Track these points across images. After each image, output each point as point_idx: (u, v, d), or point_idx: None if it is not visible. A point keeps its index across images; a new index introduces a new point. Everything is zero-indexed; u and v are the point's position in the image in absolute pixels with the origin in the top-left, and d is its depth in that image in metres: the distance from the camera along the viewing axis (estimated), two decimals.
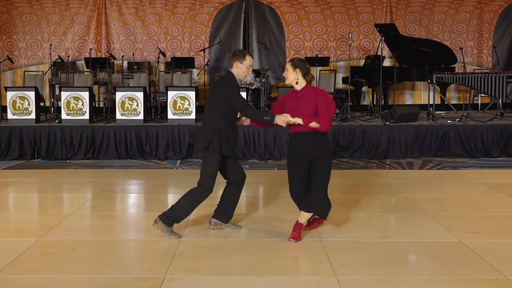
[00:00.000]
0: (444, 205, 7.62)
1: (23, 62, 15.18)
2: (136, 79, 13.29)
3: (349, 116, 12.16)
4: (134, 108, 11.57)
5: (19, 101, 11.59)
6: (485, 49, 15.42)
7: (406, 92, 15.47)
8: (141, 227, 6.62)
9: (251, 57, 6.05)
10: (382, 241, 5.85)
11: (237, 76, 5.96)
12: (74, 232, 6.25)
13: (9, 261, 5.17)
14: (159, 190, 8.76)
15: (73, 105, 11.54)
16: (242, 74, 5.98)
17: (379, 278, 4.77)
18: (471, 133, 11.32)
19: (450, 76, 12.18)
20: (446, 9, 15.39)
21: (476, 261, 5.21)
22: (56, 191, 8.89)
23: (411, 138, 11.29)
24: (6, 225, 6.70)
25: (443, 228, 6.26)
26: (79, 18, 15.27)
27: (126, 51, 15.11)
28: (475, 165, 10.50)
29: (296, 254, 5.45)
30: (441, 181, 9.09)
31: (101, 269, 5.02)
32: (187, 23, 15.27)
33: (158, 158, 11.17)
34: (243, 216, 6.84)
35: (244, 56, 5.96)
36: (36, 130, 11.29)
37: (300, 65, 5.87)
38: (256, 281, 4.75)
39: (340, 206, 7.34)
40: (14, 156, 11.16)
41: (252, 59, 6.03)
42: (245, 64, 5.94)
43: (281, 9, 15.36)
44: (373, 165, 10.48)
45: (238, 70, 5.95)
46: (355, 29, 15.32)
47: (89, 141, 11.27)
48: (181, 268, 5.03)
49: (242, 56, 5.96)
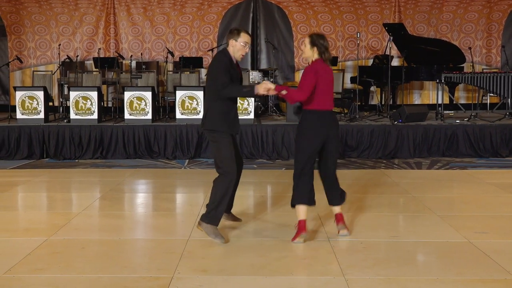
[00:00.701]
0: (453, 205, 7.60)
1: (32, 62, 15.23)
2: (144, 79, 13.32)
3: (357, 116, 12.14)
4: (142, 107, 11.59)
5: (28, 100, 11.62)
6: (494, 49, 15.36)
7: (415, 91, 15.44)
8: (149, 227, 6.63)
9: (247, 34, 5.83)
10: (391, 241, 5.84)
11: (233, 55, 5.80)
12: (83, 231, 6.26)
13: (18, 260, 5.19)
14: (167, 189, 8.77)
15: (81, 105, 11.57)
16: (238, 52, 5.78)
17: (387, 278, 4.76)
18: (480, 133, 11.28)
19: (458, 75, 12.15)
20: (454, 9, 15.34)
21: (485, 261, 5.19)
22: (65, 190, 8.92)
23: (419, 138, 11.26)
24: (15, 224, 6.72)
25: (452, 228, 6.25)
26: (88, 18, 15.30)
27: (135, 51, 15.14)
28: (484, 165, 10.47)
29: (304, 254, 5.44)
30: (449, 181, 9.07)
31: (110, 269, 5.03)
32: (195, 23, 15.29)
33: (166, 158, 11.19)
34: (251, 216, 6.85)
35: (238, 33, 5.77)
36: (45, 130, 11.33)
37: (318, 44, 5.74)
38: (264, 281, 4.75)
39: (348, 206, 7.33)
40: (23, 155, 11.20)
41: (248, 36, 5.81)
42: (239, 41, 5.75)
43: (289, 9, 15.36)
44: (381, 165, 10.46)
45: (233, 48, 5.78)
46: (363, 28, 15.30)
47: (97, 141, 11.30)
48: (189, 267, 5.03)
49: (237, 33, 5.77)
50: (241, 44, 5.77)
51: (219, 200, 5.72)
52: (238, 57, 5.84)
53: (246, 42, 5.80)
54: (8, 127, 11.35)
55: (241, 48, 5.78)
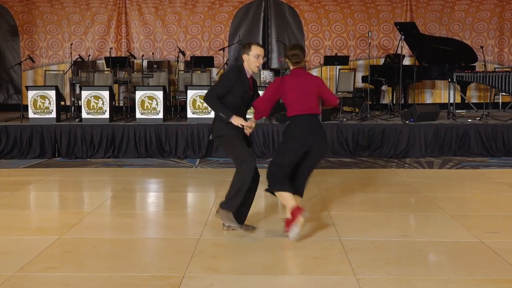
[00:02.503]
0: (464, 204, 7.57)
1: (44, 61, 15.30)
2: (155, 78, 13.35)
3: (368, 115, 12.12)
4: (153, 107, 11.61)
5: (40, 100, 11.68)
6: (506, 48, 15.29)
7: (426, 91, 15.39)
8: (160, 226, 6.65)
9: (259, 46, 5.96)
10: (402, 241, 5.82)
11: (248, 68, 5.94)
12: (94, 230, 6.28)
13: (30, 259, 5.21)
14: (179, 188, 8.79)
15: (93, 104, 11.61)
16: (252, 64, 5.92)
17: (399, 277, 4.75)
18: (492, 132, 11.23)
19: (470, 74, 12.10)
20: (466, 7, 15.28)
21: (496, 261, 5.17)
22: (76, 189, 8.95)
23: (431, 137, 11.22)
24: (27, 223, 6.75)
25: (463, 228, 6.23)
26: (99, 18, 15.36)
27: (146, 50, 15.18)
28: (496, 164, 10.43)
29: (315, 254, 5.44)
30: (461, 181, 9.04)
31: (121, 267, 5.04)
32: (206, 22, 15.30)
33: (177, 157, 11.21)
34: (261, 215, 6.85)
35: (249, 47, 5.92)
36: (57, 129, 11.38)
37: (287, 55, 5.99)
38: (275, 280, 4.75)
39: (360, 205, 7.32)
40: (35, 154, 11.26)
41: (259, 48, 5.93)
42: (251, 54, 5.89)
43: (301, 8, 15.35)
44: (392, 164, 10.44)
45: (248, 62, 5.93)
46: (374, 27, 15.27)
47: (109, 140, 11.34)
48: (200, 266, 5.04)
49: (248, 47, 5.93)
50: (253, 57, 5.90)
51: (237, 187, 5.80)
52: (254, 69, 5.97)
53: (258, 54, 5.91)
54: (20, 127, 11.41)
55: (255, 60, 5.92)
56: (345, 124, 11.36)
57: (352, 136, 11.18)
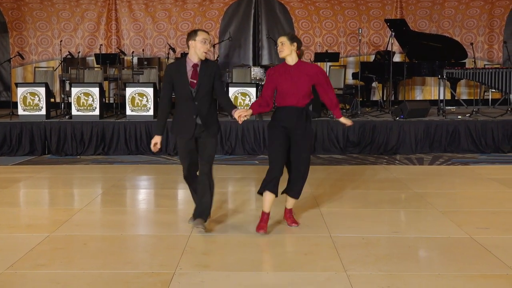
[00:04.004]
0: (454, 200, 7.59)
1: (34, 58, 15.24)
2: (146, 75, 13.31)
3: (359, 112, 12.14)
4: (144, 104, 11.59)
5: (30, 97, 11.63)
6: (496, 45, 15.34)
7: (416, 87, 15.43)
8: (151, 223, 6.64)
9: (205, 31, 5.89)
10: (392, 237, 5.84)
11: (195, 55, 5.84)
12: (85, 227, 6.27)
13: (20, 256, 5.20)
14: (169, 185, 8.77)
15: (83, 101, 11.58)
16: (199, 50, 5.80)
17: (389, 273, 4.76)
18: (482, 129, 11.27)
19: (460, 71, 12.14)
20: (456, 4, 15.33)
21: (486, 257, 5.19)
22: (67, 186, 8.92)
23: (421, 134, 11.25)
24: (17, 220, 6.73)
25: (453, 224, 6.25)
26: (89, 14, 15.31)
27: (136, 47, 15.14)
28: (486, 160, 10.47)
29: (306, 250, 5.44)
30: (451, 177, 9.06)
31: (112, 264, 5.03)
32: (197, 19, 15.28)
33: (168, 154, 11.19)
34: (253, 211, 6.85)
35: (196, 32, 5.83)
36: (47, 126, 11.34)
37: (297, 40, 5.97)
38: (266, 276, 4.76)
39: (350, 201, 7.33)
40: (24, 151, 11.22)
41: (205, 33, 5.86)
42: (198, 39, 5.78)
43: (291, 5, 15.35)
44: (383, 161, 10.46)
45: (194, 48, 5.82)
46: (365, 24, 15.28)
47: (99, 137, 11.31)
48: (191, 263, 5.04)
49: (194, 33, 5.83)
50: (200, 42, 5.79)
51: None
52: (201, 55, 5.87)
53: (205, 38, 5.82)
54: (9, 124, 11.37)
55: (201, 45, 5.81)
56: (336, 121, 11.34)
57: (343, 132, 11.19)
